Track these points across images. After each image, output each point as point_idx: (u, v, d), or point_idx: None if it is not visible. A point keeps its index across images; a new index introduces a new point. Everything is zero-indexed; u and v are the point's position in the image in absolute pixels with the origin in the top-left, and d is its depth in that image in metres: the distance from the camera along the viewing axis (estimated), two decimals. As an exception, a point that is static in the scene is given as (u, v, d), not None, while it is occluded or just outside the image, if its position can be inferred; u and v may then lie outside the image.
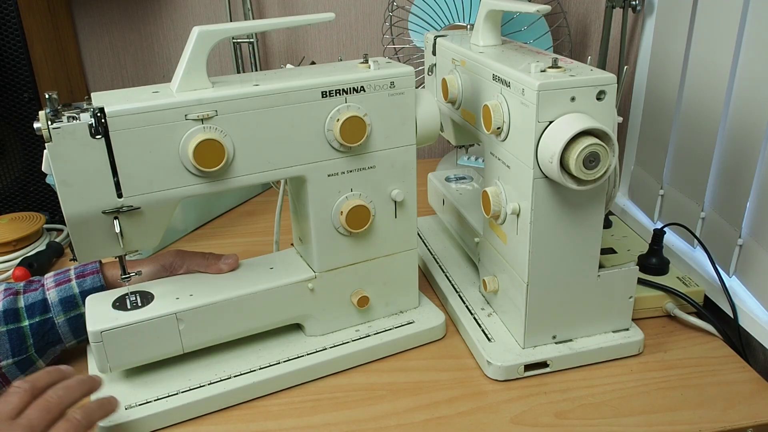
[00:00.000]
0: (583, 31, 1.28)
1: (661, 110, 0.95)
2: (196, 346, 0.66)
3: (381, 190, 0.69)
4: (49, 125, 0.53)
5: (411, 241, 0.73)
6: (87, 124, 0.54)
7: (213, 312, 0.65)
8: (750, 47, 0.75)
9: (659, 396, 0.64)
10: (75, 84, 1.19)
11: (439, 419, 0.62)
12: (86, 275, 0.69)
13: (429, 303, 0.77)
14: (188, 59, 0.58)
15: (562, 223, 0.63)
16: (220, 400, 0.63)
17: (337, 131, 0.63)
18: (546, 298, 0.66)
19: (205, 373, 0.66)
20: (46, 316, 0.66)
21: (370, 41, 1.28)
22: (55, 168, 0.55)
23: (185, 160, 0.58)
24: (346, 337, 0.71)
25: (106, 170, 0.56)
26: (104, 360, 0.62)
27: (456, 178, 0.97)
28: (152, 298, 0.65)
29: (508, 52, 0.72)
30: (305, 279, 0.69)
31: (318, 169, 0.65)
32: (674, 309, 0.75)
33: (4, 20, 0.96)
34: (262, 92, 0.60)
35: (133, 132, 0.56)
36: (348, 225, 0.67)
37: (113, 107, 0.55)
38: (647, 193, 0.99)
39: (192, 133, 0.58)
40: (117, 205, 0.58)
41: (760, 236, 0.74)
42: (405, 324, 0.73)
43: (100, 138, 0.55)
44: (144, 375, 0.66)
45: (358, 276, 0.71)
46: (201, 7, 1.23)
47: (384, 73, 0.64)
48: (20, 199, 1.05)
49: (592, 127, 0.56)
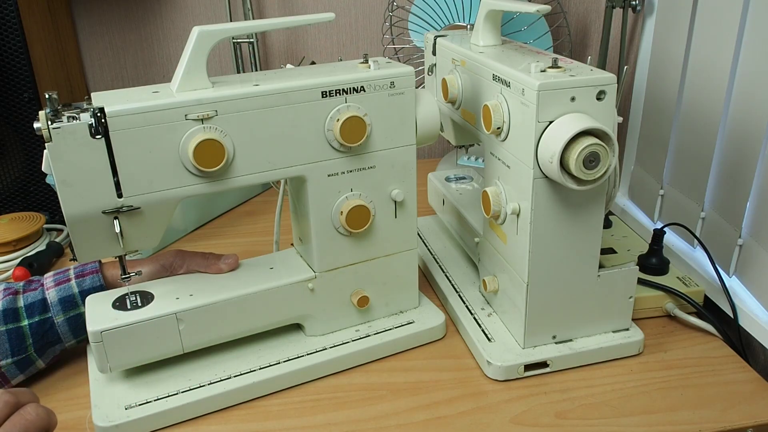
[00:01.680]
0: (583, 31, 1.28)
1: (661, 110, 0.95)
2: (197, 345, 0.66)
3: (381, 190, 0.69)
4: (49, 125, 0.53)
5: (411, 241, 0.73)
6: (87, 124, 0.54)
7: (213, 312, 0.65)
8: (750, 47, 0.75)
9: (659, 396, 0.64)
10: (75, 84, 1.19)
11: (439, 419, 0.62)
12: (86, 275, 0.69)
13: (429, 303, 0.77)
14: (188, 59, 0.58)
15: (562, 223, 0.63)
16: (220, 400, 0.63)
17: (337, 131, 0.63)
18: (546, 298, 0.66)
19: (205, 373, 0.66)
20: (46, 315, 0.66)
21: (370, 41, 1.28)
22: (55, 168, 0.55)
23: (185, 160, 0.58)
24: (346, 337, 0.71)
25: (106, 170, 0.56)
26: (104, 360, 0.62)
27: (456, 178, 0.97)
28: (152, 298, 0.65)
29: (508, 52, 0.72)
30: (305, 279, 0.69)
31: (318, 169, 0.65)
32: (674, 309, 0.75)
33: (4, 20, 0.96)
34: (262, 92, 0.60)
35: (133, 132, 0.56)
36: (348, 225, 0.67)
37: (113, 107, 0.55)
38: (647, 193, 0.99)
39: (192, 133, 0.58)
40: (117, 205, 0.58)
41: (760, 236, 0.74)
42: (405, 324, 0.73)
43: (100, 138, 0.55)
44: (144, 375, 0.66)
45: (358, 276, 0.71)
46: (201, 7, 1.23)
47: (384, 73, 0.64)
48: (20, 199, 1.05)
49: (592, 127, 0.56)
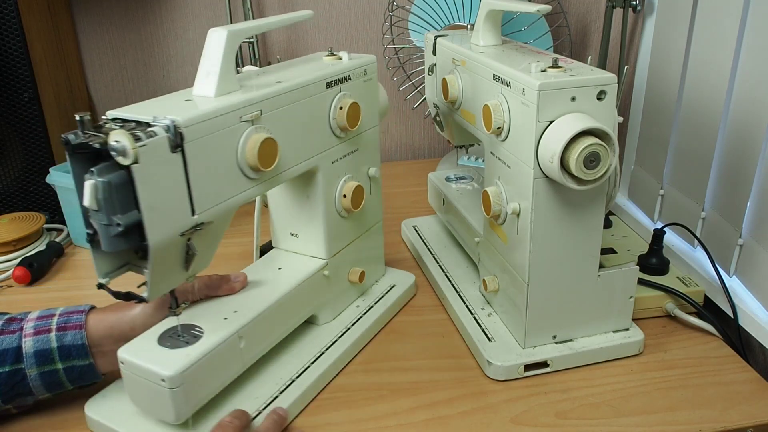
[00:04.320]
0: (583, 31, 1.28)
1: (661, 110, 0.95)
2: (252, 360, 0.63)
3: (361, 170, 0.75)
4: (137, 144, 0.46)
5: (380, 214, 0.81)
6: (166, 137, 0.48)
7: (264, 321, 0.63)
8: (750, 47, 0.75)
9: (659, 396, 0.64)
10: (75, 84, 1.19)
11: (439, 419, 0.62)
12: (68, 328, 0.60)
13: (392, 269, 0.85)
14: (222, 61, 0.56)
15: (563, 223, 0.63)
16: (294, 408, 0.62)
17: (342, 118, 0.67)
18: (546, 298, 0.66)
19: (263, 389, 0.63)
20: (18, 366, 0.59)
21: (370, 41, 1.28)
22: (142, 193, 0.47)
23: (242, 164, 0.56)
24: (352, 315, 0.74)
25: (183, 187, 0.51)
26: (182, 405, 0.55)
27: (456, 178, 0.97)
28: (196, 327, 0.60)
29: (508, 52, 0.72)
30: (320, 267, 0.71)
31: (326, 156, 0.69)
32: (674, 309, 0.75)
33: (4, 20, 0.96)
34: (292, 87, 0.61)
35: (202, 141, 0.52)
36: (352, 206, 0.71)
37: (184, 116, 0.50)
38: (647, 193, 0.99)
39: (248, 134, 0.56)
40: (192, 223, 0.53)
41: (760, 236, 0.74)
42: (389, 289, 0.80)
43: (178, 151, 0.50)
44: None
45: (352, 254, 0.75)
46: (201, 7, 1.23)
47: (359, 62, 0.70)
48: (20, 199, 1.05)
49: (593, 127, 0.56)
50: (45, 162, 1.03)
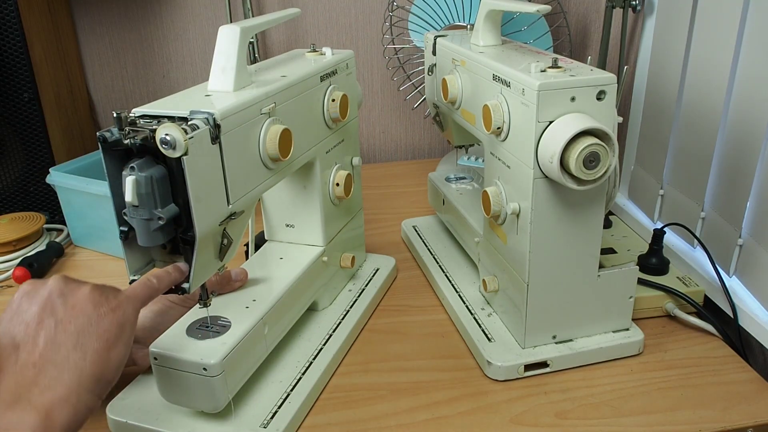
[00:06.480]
0: (583, 31, 1.28)
1: (661, 110, 0.95)
2: (273, 344, 0.65)
3: (346, 160, 0.79)
4: (186, 137, 0.47)
5: (361, 201, 0.85)
6: (207, 129, 0.50)
7: (281, 307, 0.65)
8: (750, 47, 0.75)
9: (659, 396, 0.64)
10: (75, 84, 1.19)
11: (439, 419, 0.62)
12: None
13: (373, 254, 0.88)
14: (237, 57, 0.58)
15: (562, 223, 0.63)
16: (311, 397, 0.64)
17: (335, 109, 0.71)
18: (546, 298, 0.66)
19: (286, 371, 0.65)
20: None
21: (370, 41, 1.28)
22: (192, 184, 0.49)
23: (263, 155, 0.59)
24: (347, 299, 0.78)
25: (220, 177, 0.53)
26: (223, 391, 0.56)
27: (456, 178, 0.97)
28: (221, 318, 0.61)
29: (508, 52, 0.72)
30: (319, 254, 0.73)
31: (322, 147, 0.72)
32: (674, 309, 0.75)
33: (4, 20, 0.96)
34: (296, 80, 0.64)
35: (234, 133, 0.54)
36: (344, 193, 0.75)
37: (219, 109, 0.52)
38: (647, 193, 0.99)
39: (267, 126, 0.59)
40: (228, 212, 0.55)
41: (760, 236, 0.74)
42: (374, 272, 0.84)
43: (216, 143, 0.52)
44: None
45: (343, 241, 0.79)
46: (201, 7, 1.23)
47: (342, 57, 0.74)
48: (20, 199, 1.05)
49: (593, 127, 0.56)
50: (45, 162, 1.03)
